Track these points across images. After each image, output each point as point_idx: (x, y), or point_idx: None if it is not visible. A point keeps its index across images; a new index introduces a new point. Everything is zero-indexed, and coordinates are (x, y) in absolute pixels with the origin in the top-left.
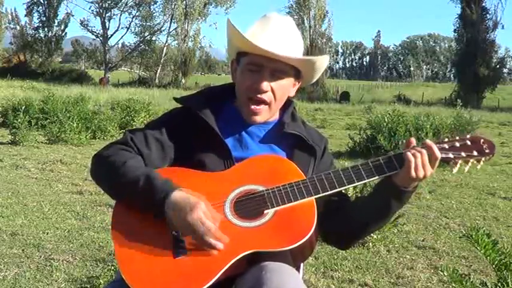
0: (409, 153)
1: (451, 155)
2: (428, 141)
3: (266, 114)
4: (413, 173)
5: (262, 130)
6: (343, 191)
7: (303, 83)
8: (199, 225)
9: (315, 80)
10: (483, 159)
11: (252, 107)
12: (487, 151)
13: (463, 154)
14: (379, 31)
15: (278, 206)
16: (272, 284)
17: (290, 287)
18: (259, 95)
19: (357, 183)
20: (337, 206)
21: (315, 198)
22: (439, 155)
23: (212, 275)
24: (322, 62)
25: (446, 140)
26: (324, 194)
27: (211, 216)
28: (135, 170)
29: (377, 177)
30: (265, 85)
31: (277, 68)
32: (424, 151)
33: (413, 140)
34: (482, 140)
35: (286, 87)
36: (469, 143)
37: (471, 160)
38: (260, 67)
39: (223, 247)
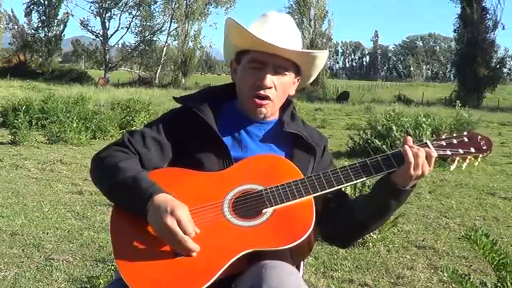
0: (406, 152)
1: (448, 152)
2: (425, 140)
3: (270, 110)
4: (411, 172)
5: (261, 130)
6: (343, 189)
7: (301, 83)
8: (175, 230)
9: (312, 79)
10: (481, 155)
11: (258, 101)
12: (484, 147)
13: (461, 151)
14: (376, 31)
15: (277, 205)
16: (272, 282)
17: (290, 285)
18: (263, 92)
19: (355, 182)
20: (336, 205)
21: (314, 197)
22: (434, 153)
23: (212, 275)
24: (322, 58)
25: (443, 137)
26: (322, 192)
27: (190, 222)
28: (125, 171)
29: (375, 175)
30: (269, 81)
31: (279, 64)
32: (421, 149)
33: (410, 139)
34: (479, 137)
35: (288, 84)
36: (466, 139)
37: (469, 157)
38: (263, 64)
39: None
